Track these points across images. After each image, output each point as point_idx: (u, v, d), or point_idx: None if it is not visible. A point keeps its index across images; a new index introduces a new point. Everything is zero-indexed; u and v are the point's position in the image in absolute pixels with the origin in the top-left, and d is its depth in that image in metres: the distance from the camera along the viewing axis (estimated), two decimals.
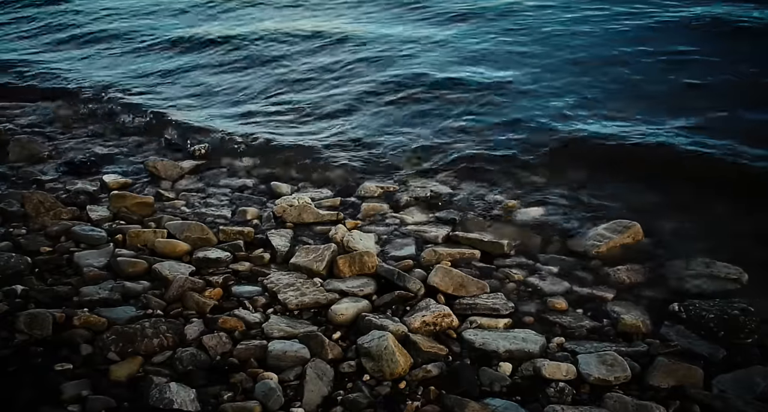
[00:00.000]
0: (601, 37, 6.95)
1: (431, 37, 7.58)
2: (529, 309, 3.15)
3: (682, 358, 2.75)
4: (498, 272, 3.48)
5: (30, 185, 4.66)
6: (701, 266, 3.39)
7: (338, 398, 2.55)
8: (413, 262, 3.54)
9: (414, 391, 2.60)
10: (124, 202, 4.27)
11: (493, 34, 7.40)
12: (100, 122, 6.18)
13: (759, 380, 2.60)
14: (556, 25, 7.50)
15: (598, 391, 2.60)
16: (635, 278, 3.38)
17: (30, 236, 3.80)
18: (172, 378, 2.61)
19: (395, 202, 4.31)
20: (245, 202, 4.40)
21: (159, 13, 10.17)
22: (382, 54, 7.14)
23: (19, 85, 7.40)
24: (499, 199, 4.25)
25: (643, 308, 3.14)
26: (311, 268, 3.46)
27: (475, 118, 5.46)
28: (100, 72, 7.60)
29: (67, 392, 2.52)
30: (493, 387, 2.63)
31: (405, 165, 4.83)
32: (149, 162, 4.95)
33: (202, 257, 3.58)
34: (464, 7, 8.53)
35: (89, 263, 3.50)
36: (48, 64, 8.06)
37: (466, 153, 4.87)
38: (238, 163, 5.06)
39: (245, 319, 3.02)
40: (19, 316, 2.91)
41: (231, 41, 8.12)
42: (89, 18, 10.19)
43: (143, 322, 2.90)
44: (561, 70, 6.22)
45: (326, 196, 4.46)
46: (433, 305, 3.10)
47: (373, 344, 2.71)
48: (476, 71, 6.36)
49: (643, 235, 3.68)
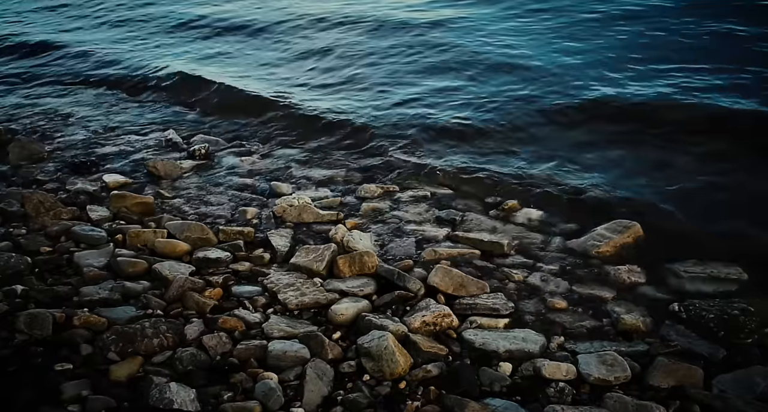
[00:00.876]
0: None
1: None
2: (529, 309, 3.15)
3: (682, 358, 2.75)
4: (498, 271, 3.48)
5: (30, 185, 4.66)
6: (701, 266, 3.39)
7: (338, 398, 2.55)
8: (413, 262, 3.54)
9: (414, 391, 2.60)
10: (124, 202, 4.27)
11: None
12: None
13: (759, 380, 2.60)
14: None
15: (598, 391, 2.60)
16: (635, 277, 3.37)
17: (30, 236, 3.80)
18: (172, 378, 2.61)
19: (395, 201, 4.32)
20: (245, 202, 4.40)
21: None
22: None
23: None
24: (499, 199, 4.25)
25: (643, 308, 3.14)
26: (311, 268, 3.46)
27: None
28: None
29: (67, 392, 2.52)
30: (493, 387, 2.63)
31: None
32: (149, 162, 4.95)
33: (202, 257, 3.58)
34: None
35: (89, 263, 3.50)
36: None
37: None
38: (238, 163, 5.06)
39: (245, 319, 3.02)
40: (19, 316, 2.91)
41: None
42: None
43: (143, 322, 2.90)
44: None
45: (326, 195, 4.46)
46: (433, 305, 3.10)
47: (373, 344, 2.71)
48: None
49: (644, 234, 3.68)
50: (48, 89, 7.46)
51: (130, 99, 6.95)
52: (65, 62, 8.37)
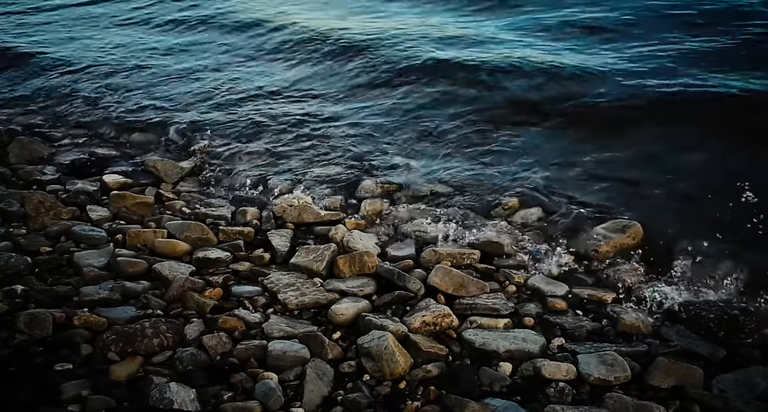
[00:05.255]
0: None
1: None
2: (529, 309, 3.14)
3: (682, 358, 2.75)
4: (498, 272, 3.48)
5: (30, 185, 4.66)
6: (700, 265, 3.38)
7: (338, 398, 2.55)
8: (413, 262, 3.54)
9: (414, 391, 2.60)
10: (124, 202, 4.27)
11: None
12: None
13: (759, 380, 2.60)
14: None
15: (598, 391, 2.60)
16: (635, 277, 3.37)
17: (30, 236, 3.80)
18: (172, 378, 2.61)
19: (395, 201, 4.31)
20: (245, 202, 4.39)
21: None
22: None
23: None
24: (499, 199, 4.25)
25: (643, 308, 3.14)
26: (311, 268, 3.46)
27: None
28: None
29: (67, 392, 2.52)
30: (493, 387, 2.63)
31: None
32: (149, 162, 4.95)
33: (202, 257, 3.58)
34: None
35: (89, 263, 3.50)
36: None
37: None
38: (238, 163, 5.06)
39: (245, 319, 3.02)
40: (19, 316, 2.91)
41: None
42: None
43: (143, 322, 2.90)
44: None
45: (326, 195, 4.45)
46: (433, 305, 3.10)
47: (373, 344, 2.71)
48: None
49: (644, 234, 3.68)
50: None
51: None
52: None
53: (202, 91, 6.77)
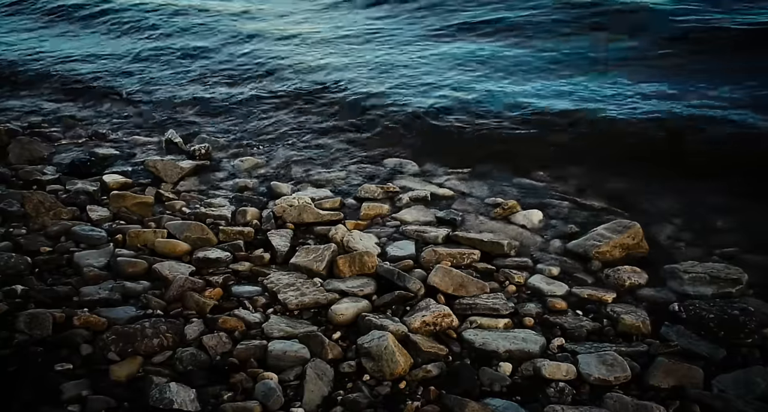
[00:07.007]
0: None
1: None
2: (529, 309, 3.14)
3: (682, 358, 2.75)
4: (498, 272, 3.48)
5: (30, 185, 4.66)
6: (701, 266, 3.38)
7: (338, 398, 2.55)
8: (413, 262, 3.54)
9: (414, 391, 2.60)
10: (124, 203, 4.27)
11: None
12: None
13: (759, 380, 2.60)
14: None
15: (598, 391, 2.60)
16: (635, 278, 3.37)
17: (30, 236, 3.80)
18: (172, 378, 2.61)
19: (396, 202, 4.32)
20: (245, 202, 4.39)
21: None
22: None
23: None
24: (499, 200, 4.25)
25: (643, 309, 3.13)
26: (311, 268, 3.46)
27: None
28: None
29: (67, 392, 2.52)
30: (493, 387, 2.63)
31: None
32: (149, 162, 4.94)
33: (202, 257, 3.58)
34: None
35: (89, 263, 3.50)
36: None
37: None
38: (238, 163, 5.06)
39: (245, 319, 3.02)
40: (19, 316, 2.90)
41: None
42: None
43: (143, 322, 2.90)
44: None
45: (326, 196, 4.45)
46: (433, 305, 3.10)
47: (373, 344, 2.71)
48: None
49: (644, 234, 3.68)
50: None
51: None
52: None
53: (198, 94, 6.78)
